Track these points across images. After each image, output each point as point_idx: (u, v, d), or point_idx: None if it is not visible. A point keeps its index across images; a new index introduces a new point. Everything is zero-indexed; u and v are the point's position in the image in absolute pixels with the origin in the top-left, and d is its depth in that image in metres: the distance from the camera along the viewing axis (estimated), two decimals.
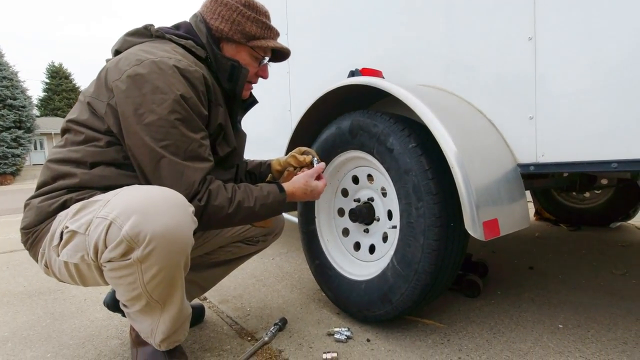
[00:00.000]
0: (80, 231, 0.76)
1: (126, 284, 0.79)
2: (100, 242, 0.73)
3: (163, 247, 0.74)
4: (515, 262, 1.98)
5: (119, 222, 0.72)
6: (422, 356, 1.08)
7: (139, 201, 0.75)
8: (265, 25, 1.04)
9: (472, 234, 0.94)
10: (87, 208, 0.79)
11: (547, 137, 1.01)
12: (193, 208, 0.82)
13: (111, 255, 0.74)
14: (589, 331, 1.20)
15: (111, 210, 0.74)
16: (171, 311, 0.87)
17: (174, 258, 0.78)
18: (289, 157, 1.21)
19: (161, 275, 0.78)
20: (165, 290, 0.82)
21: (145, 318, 0.88)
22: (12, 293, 1.76)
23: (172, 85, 0.85)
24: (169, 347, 0.94)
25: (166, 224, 0.74)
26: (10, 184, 16.00)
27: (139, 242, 0.73)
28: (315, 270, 1.43)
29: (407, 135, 1.09)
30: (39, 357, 1.15)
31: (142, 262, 0.75)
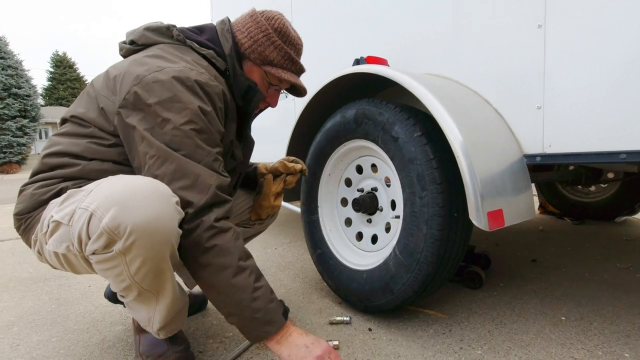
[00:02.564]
0: (64, 222, 0.75)
1: (114, 276, 0.78)
2: (83, 233, 0.72)
3: (144, 238, 0.72)
4: (519, 255, 1.97)
5: (99, 214, 0.70)
6: (423, 346, 1.08)
7: (119, 192, 0.72)
8: (288, 56, 1.02)
9: (476, 224, 0.93)
10: (71, 197, 0.77)
11: (555, 127, 0.99)
12: (177, 198, 0.79)
13: (94, 247, 0.72)
14: (592, 324, 1.20)
15: (92, 201, 0.72)
16: (165, 300, 0.85)
17: (157, 249, 0.75)
18: (278, 163, 1.21)
19: (147, 267, 0.76)
20: (155, 281, 0.81)
21: (142, 307, 0.87)
22: (17, 279, 1.78)
23: (191, 97, 0.83)
24: (168, 335, 0.94)
25: (146, 215, 0.72)
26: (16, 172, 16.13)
27: (120, 234, 0.71)
28: (317, 259, 1.43)
29: (412, 124, 1.08)
30: (44, 341, 1.16)
31: (125, 254, 0.73)
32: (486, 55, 1.13)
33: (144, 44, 0.96)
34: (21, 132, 16.35)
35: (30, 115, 16.73)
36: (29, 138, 16.84)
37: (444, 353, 1.04)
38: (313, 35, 1.86)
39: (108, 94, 0.88)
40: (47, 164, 0.87)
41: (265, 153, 2.30)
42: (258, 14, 1.01)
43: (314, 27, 1.86)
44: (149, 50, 0.93)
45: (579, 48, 0.93)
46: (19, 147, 16.36)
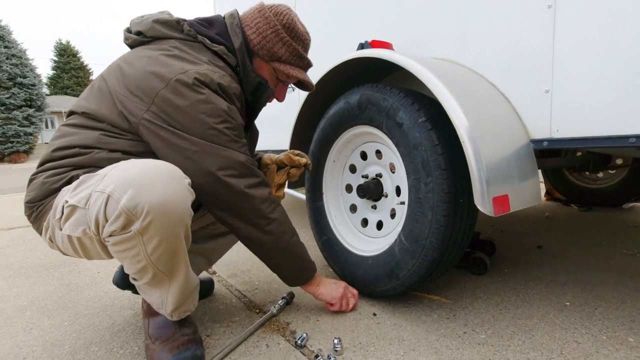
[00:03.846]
0: (80, 205, 0.76)
1: (131, 257, 0.80)
2: (100, 215, 0.74)
3: (161, 217, 0.75)
4: (524, 242, 1.97)
5: (117, 196, 0.72)
6: (427, 330, 1.09)
7: (135, 174, 0.75)
8: (296, 52, 1.04)
9: (482, 209, 0.93)
10: (86, 182, 0.79)
11: (563, 112, 0.97)
12: (189, 179, 0.82)
13: (112, 228, 0.74)
14: (596, 309, 1.20)
15: (108, 184, 0.74)
16: (178, 281, 0.88)
17: (173, 228, 0.78)
18: (283, 155, 1.23)
19: (163, 246, 0.79)
20: (170, 261, 0.83)
21: (155, 290, 0.89)
22: (29, 265, 1.82)
23: (218, 98, 0.88)
24: (181, 317, 0.96)
25: (162, 195, 0.74)
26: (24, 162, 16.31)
27: (137, 214, 0.73)
28: (323, 245, 1.44)
29: (416, 109, 1.06)
30: (56, 325, 1.19)
31: (142, 234, 0.75)
32: (493, 38, 1.11)
33: (153, 36, 0.96)
34: (27, 122, 16.48)
35: (35, 104, 16.82)
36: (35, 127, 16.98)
37: (448, 337, 1.05)
38: (317, 20, 1.83)
39: (126, 92, 0.88)
40: (57, 155, 0.89)
41: (271, 140, 2.29)
42: (266, 9, 1.01)
43: (317, 11, 1.83)
44: (162, 45, 0.93)
45: (589, 29, 0.91)
46: (26, 137, 16.50)
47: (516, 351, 0.98)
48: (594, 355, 0.95)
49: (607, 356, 0.95)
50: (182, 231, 0.81)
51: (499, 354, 0.96)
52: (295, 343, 1.02)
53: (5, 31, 15.82)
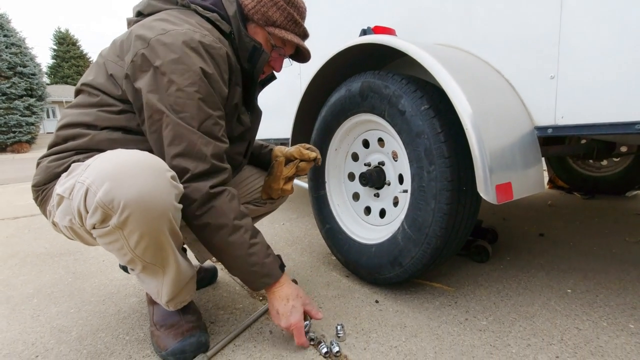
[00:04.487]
0: (65, 195, 0.76)
1: (116, 250, 0.80)
2: (81, 207, 0.73)
3: (139, 213, 0.73)
4: (526, 230, 1.97)
5: (94, 189, 0.71)
6: (429, 317, 1.10)
7: (113, 166, 0.73)
8: (292, 17, 1.01)
9: (485, 197, 0.92)
10: (73, 171, 0.79)
11: (568, 98, 0.96)
12: (172, 173, 0.79)
13: (92, 221, 0.74)
14: (598, 296, 1.21)
15: (88, 176, 0.73)
16: (170, 274, 0.87)
17: (153, 224, 0.76)
18: (294, 148, 1.21)
19: (145, 241, 0.77)
20: (157, 254, 0.82)
21: (150, 279, 0.90)
22: (34, 254, 1.84)
23: (195, 59, 0.83)
24: (177, 307, 0.96)
25: (140, 189, 0.72)
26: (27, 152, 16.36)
27: (114, 208, 0.71)
28: (326, 234, 1.45)
29: (419, 96, 1.05)
30: (63, 312, 1.21)
31: (121, 228, 0.74)
32: (498, 23, 1.09)
33: (150, 12, 0.96)
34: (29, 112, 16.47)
35: (36, 94, 16.78)
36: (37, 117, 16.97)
37: (450, 324, 1.06)
38: (318, 5, 1.80)
39: (115, 59, 0.90)
40: (61, 136, 0.89)
41: (273, 129, 2.28)
42: None
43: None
44: (154, 15, 0.93)
45: (597, 14, 0.89)
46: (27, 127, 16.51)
47: (517, 337, 0.99)
48: (594, 341, 0.96)
49: (608, 342, 0.95)
50: (165, 226, 0.78)
51: (500, 340, 0.97)
52: None
53: (3, 19, 15.68)
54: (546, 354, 0.91)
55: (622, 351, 0.91)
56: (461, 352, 0.93)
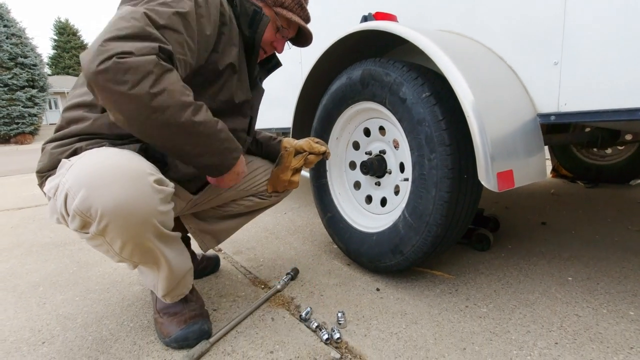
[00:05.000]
0: (50, 195, 0.76)
1: (104, 252, 0.80)
2: (63, 211, 0.73)
3: (118, 221, 0.71)
4: (528, 218, 1.97)
5: (72, 195, 0.70)
6: (430, 304, 1.11)
7: (90, 172, 0.70)
8: (299, 1, 1.04)
9: (486, 184, 0.92)
10: (61, 168, 0.77)
11: (572, 85, 0.95)
12: (157, 176, 0.76)
13: (72, 226, 0.73)
14: (599, 283, 1.21)
15: (68, 179, 0.71)
16: (163, 272, 0.88)
17: (135, 230, 0.74)
18: (303, 141, 1.21)
19: (130, 246, 0.76)
20: (145, 257, 0.81)
21: (147, 272, 0.91)
22: (39, 244, 1.86)
23: None
24: (173, 300, 0.97)
25: (117, 197, 0.69)
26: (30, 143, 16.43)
27: (92, 217, 0.70)
28: (327, 222, 1.45)
29: (420, 83, 1.04)
30: (68, 299, 1.23)
31: (103, 235, 0.73)
32: (502, 9, 1.07)
33: None
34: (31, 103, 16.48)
35: (38, 85, 16.76)
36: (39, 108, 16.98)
37: (450, 311, 1.07)
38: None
39: None
40: (65, 118, 0.88)
41: (274, 118, 2.27)
42: None
43: None
44: None
45: None
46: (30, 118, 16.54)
47: (517, 324, 0.99)
48: (593, 327, 0.97)
49: (607, 329, 0.96)
50: (149, 232, 0.76)
51: (499, 327, 0.98)
52: (300, 317, 1.05)
53: (3, 9, 15.58)
54: (545, 340, 0.92)
55: (622, 337, 0.92)
56: (461, 338, 0.94)
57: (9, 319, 1.11)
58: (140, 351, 0.93)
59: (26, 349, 0.96)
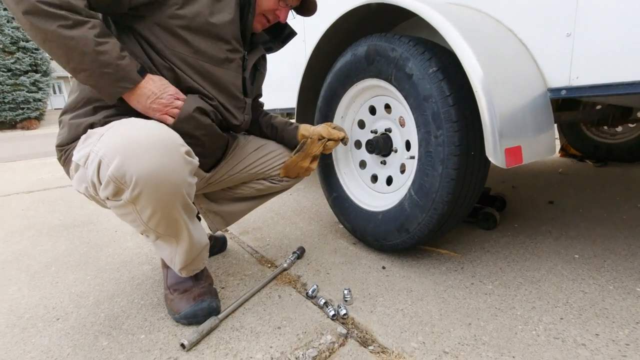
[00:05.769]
0: (81, 164, 0.77)
1: (130, 221, 0.81)
2: (95, 178, 0.74)
3: (151, 189, 0.72)
4: (536, 197, 1.95)
5: (106, 162, 0.71)
6: (435, 282, 1.12)
7: (125, 139, 0.72)
8: None
9: (493, 161, 0.91)
10: (89, 138, 0.78)
11: (584, 57, 0.91)
12: (187, 148, 0.78)
13: (104, 193, 0.74)
14: (605, 261, 1.20)
15: (101, 147, 0.72)
16: (183, 245, 0.89)
17: (165, 200, 0.76)
18: (321, 127, 1.20)
19: (158, 216, 0.78)
20: (170, 228, 0.83)
21: (164, 246, 0.92)
22: (49, 226, 1.89)
23: None
24: (189, 274, 0.99)
25: (152, 165, 0.71)
26: (36, 128, 16.51)
27: (126, 183, 0.71)
28: (333, 202, 1.45)
29: (427, 58, 1.01)
30: (80, 279, 1.26)
31: (134, 203, 0.74)
32: None
33: None
34: (35, 88, 16.47)
35: (41, 69, 16.70)
36: (43, 93, 16.98)
37: (456, 288, 1.08)
38: None
39: None
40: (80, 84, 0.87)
41: (278, 98, 2.25)
42: None
43: None
44: None
45: None
46: (35, 103, 16.57)
47: (522, 300, 1.00)
48: (599, 303, 0.97)
49: (613, 304, 0.96)
50: (178, 202, 0.79)
51: (505, 303, 0.99)
52: (307, 294, 1.06)
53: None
54: (551, 315, 0.93)
55: (628, 313, 0.92)
56: (466, 314, 0.95)
57: (23, 297, 1.14)
58: (152, 327, 0.95)
59: (41, 325, 0.99)
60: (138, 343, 0.89)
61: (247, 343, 0.87)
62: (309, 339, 0.87)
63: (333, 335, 0.88)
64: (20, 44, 15.54)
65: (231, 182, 1.18)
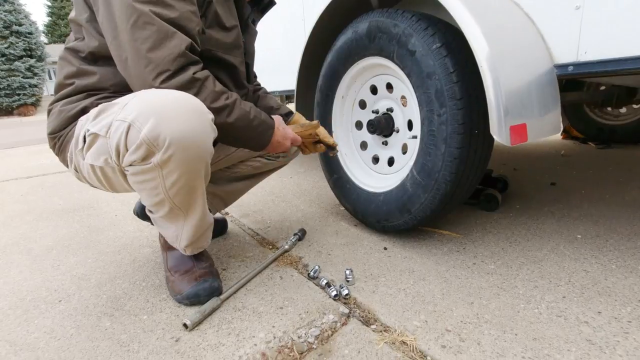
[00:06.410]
0: (102, 134, 0.75)
1: (149, 189, 0.80)
2: (121, 145, 0.73)
3: (182, 152, 0.73)
4: (538, 179, 1.94)
5: (138, 125, 0.70)
6: (437, 262, 1.11)
7: (157, 104, 0.71)
8: None
9: (498, 138, 0.89)
10: (106, 110, 0.77)
11: (594, 31, 0.88)
12: (212, 116, 0.79)
13: (132, 158, 0.73)
14: (608, 241, 1.20)
15: (130, 113, 0.71)
16: (193, 219, 0.89)
17: (193, 164, 0.77)
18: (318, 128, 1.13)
19: (182, 181, 0.78)
20: (187, 197, 0.83)
21: (170, 225, 0.91)
22: (49, 210, 1.89)
23: None
24: (194, 252, 0.99)
25: (185, 128, 0.72)
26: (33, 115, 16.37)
27: (159, 145, 0.71)
28: (334, 184, 1.44)
29: (430, 34, 0.98)
30: (81, 262, 1.26)
31: (162, 167, 0.74)
32: None
33: None
34: (30, 73, 16.24)
35: (36, 54, 16.43)
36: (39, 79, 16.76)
37: (457, 268, 1.07)
38: None
39: None
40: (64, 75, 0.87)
41: (277, 80, 2.21)
42: None
43: None
44: None
45: None
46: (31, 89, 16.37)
47: (524, 279, 1.00)
48: (602, 282, 0.97)
49: (615, 283, 0.96)
50: (202, 168, 0.80)
51: (507, 282, 0.99)
52: (308, 275, 1.06)
53: None
54: (553, 294, 0.92)
55: (630, 291, 0.92)
56: (468, 293, 0.95)
57: (25, 280, 1.14)
58: (154, 308, 0.95)
59: (44, 306, 0.99)
60: (140, 323, 0.89)
61: (250, 323, 0.87)
62: (311, 319, 0.87)
63: (335, 314, 0.88)
64: (13, 27, 15.24)
65: (229, 161, 1.17)
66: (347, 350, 0.77)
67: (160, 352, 0.79)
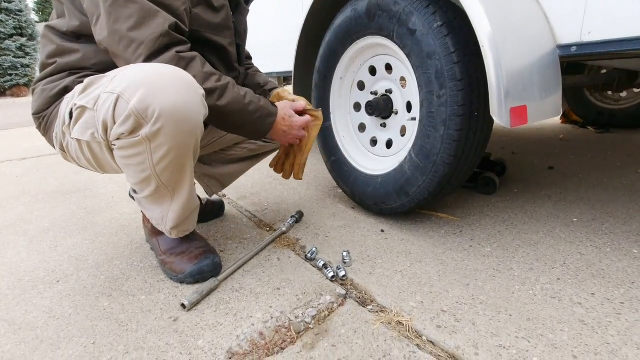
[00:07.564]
0: (89, 106, 0.73)
1: (136, 164, 0.78)
2: (108, 117, 0.71)
3: (172, 125, 0.71)
4: (536, 163, 1.94)
5: (127, 96, 0.68)
6: (434, 244, 1.12)
7: (148, 75, 0.70)
8: None
9: (498, 120, 0.88)
10: (94, 84, 0.75)
11: (599, 10, 0.86)
12: (203, 91, 0.77)
13: (120, 130, 0.71)
14: (604, 224, 1.21)
15: (119, 84, 0.69)
16: (180, 199, 0.88)
17: (183, 139, 0.75)
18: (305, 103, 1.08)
19: (170, 157, 0.76)
20: (175, 175, 0.81)
21: (154, 207, 0.90)
22: (45, 192, 1.88)
23: None
24: (179, 235, 0.98)
25: (175, 101, 0.70)
26: (26, 95, 16.09)
27: (148, 117, 0.69)
28: (332, 166, 1.43)
29: (431, 12, 0.96)
30: (78, 243, 1.26)
31: (150, 140, 0.72)
32: None
33: None
34: (22, 52, 15.85)
35: (27, 33, 16.01)
36: (31, 58, 16.37)
37: (454, 250, 1.08)
38: None
39: None
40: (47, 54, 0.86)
41: (274, 62, 2.16)
42: None
43: None
44: None
45: None
46: (23, 69, 16.02)
47: (520, 262, 1.01)
48: (596, 265, 0.98)
49: (610, 266, 0.97)
50: (192, 145, 0.78)
51: (503, 265, 0.99)
52: (306, 256, 1.07)
53: None
54: (548, 276, 0.93)
55: (624, 274, 0.93)
56: (464, 275, 0.95)
57: (22, 261, 1.14)
58: (152, 288, 0.96)
59: (42, 287, 0.99)
60: (139, 304, 0.90)
61: (247, 303, 0.88)
62: (308, 300, 0.88)
63: (332, 295, 0.89)
64: (2, 5, 14.79)
65: (224, 143, 1.16)
66: (344, 330, 0.78)
67: (159, 332, 0.80)
